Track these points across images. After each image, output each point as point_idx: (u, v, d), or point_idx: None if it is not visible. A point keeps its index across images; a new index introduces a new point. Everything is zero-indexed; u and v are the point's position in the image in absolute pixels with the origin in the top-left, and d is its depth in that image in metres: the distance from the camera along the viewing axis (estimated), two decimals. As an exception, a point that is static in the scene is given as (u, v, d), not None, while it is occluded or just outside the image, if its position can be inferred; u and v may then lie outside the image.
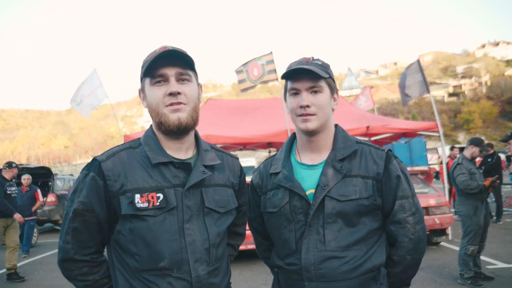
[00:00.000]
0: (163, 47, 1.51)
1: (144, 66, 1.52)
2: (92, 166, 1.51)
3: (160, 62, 1.47)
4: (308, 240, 1.57)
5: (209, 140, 8.24)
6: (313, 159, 1.68)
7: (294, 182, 1.62)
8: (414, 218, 1.62)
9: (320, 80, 1.60)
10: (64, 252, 1.49)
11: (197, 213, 1.51)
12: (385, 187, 1.61)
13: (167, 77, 1.49)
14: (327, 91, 1.63)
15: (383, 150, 1.68)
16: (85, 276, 1.51)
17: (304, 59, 1.66)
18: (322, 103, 1.61)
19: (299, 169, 1.67)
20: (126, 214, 1.45)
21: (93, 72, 9.17)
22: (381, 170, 1.61)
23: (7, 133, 79.68)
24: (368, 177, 1.60)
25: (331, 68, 1.69)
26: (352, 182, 1.58)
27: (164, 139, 1.55)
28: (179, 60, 1.50)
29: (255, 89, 10.14)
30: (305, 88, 1.60)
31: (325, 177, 1.59)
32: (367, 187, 1.58)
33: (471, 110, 56.08)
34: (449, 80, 78.56)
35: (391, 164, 1.63)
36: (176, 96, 1.48)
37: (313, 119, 1.60)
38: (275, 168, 1.71)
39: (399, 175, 1.62)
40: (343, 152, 1.63)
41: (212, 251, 1.52)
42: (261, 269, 6.84)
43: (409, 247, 1.61)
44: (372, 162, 1.63)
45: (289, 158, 1.72)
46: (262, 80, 9.06)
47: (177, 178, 1.50)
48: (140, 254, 1.45)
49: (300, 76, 1.61)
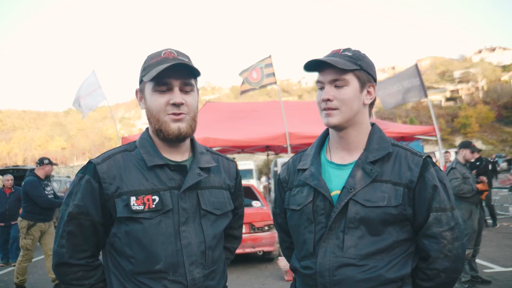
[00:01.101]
0: (168, 52, 1.51)
1: (147, 69, 1.50)
2: (87, 169, 1.51)
3: (166, 70, 1.46)
4: (327, 244, 1.48)
5: (207, 143, 8.25)
6: (343, 158, 1.58)
7: (319, 181, 1.53)
8: (452, 233, 1.46)
9: (345, 73, 1.49)
10: (59, 256, 1.48)
11: (193, 216, 1.50)
12: (418, 197, 1.47)
13: (171, 86, 1.48)
14: (355, 84, 1.52)
15: (421, 156, 1.52)
16: (80, 280, 1.49)
17: (334, 50, 1.57)
18: (346, 97, 1.50)
19: (328, 168, 1.58)
20: (122, 217, 1.44)
21: (91, 73, 9.14)
22: (415, 178, 1.47)
23: (3, 134, 79.34)
24: (400, 184, 1.47)
25: (367, 59, 1.57)
26: (381, 188, 1.46)
27: (160, 142, 1.55)
28: (185, 70, 1.50)
29: (254, 92, 10.14)
30: (328, 81, 1.52)
31: (353, 179, 1.49)
32: (397, 195, 1.46)
33: (468, 115, 56.33)
34: (447, 85, 78.91)
35: (428, 172, 1.49)
36: (179, 107, 1.48)
37: (335, 114, 1.51)
38: (303, 164, 1.63)
39: (436, 185, 1.47)
40: (376, 154, 1.51)
41: (208, 254, 1.51)
42: (258, 273, 6.83)
43: (445, 265, 1.46)
44: (406, 168, 1.49)
45: (319, 155, 1.63)
46: (261, 84, 9.07)
47: (173, 181, 1.50)
48: (135, 257, 1.44)
49: (324, 68, 1.52)
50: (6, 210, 8.56)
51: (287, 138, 8.00)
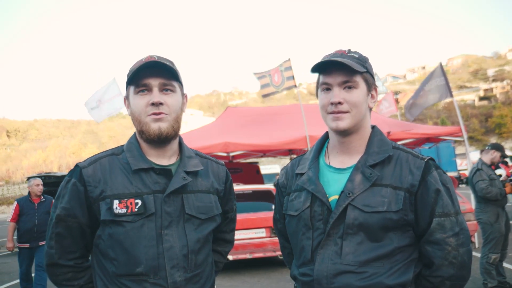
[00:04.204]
0: (149, 56, 1.53)
1: (129, 74, 1.54)
2: (74, 172, 1.55)
3: (144, 71, 1.50)
4: (325, 250, 1.43)
5: (227, 148, 8.28)
6: (342, 162, 1.52)
7: (317, 186, 1.48)
8: (457, 239, 1.40)
9: (355, 75, 1.44)
10: (49, 256, 1.53)
11: (177, 219, 1.52)
12: (420, 202, 1.41)
13: (150, 87, 1.51)
14: (363, 87, 1.47)
15: (423, 158, 1.47)
16: (69, 281, 1.54)
17: (339, 51, 1.50)
18: (357, 100, 1.45)
19: (326, 172, 1.53)
20: (105, 220, 1.48)
21: (112, 80, 9.40)
22: (417, 182, 1.42)
23: (39, 142, 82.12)
24: (400, 188, 1.41)
25: (369, 62, 1.53)
26: (381, 192, 1.41)
27: (147, 146, 1.57)
28: (164, 70, 1.52)
29: (281, 95, 10.18)
30: (338, 83, 1.45)
31: (352, 184, 1.43)
32: (397, 200, 1.40)
33: (503, 114, 54.48)
34: (480, 84, 76.66)
35: (430, 176, 1.43)
36: (158, 107, 1.50)
37: (346, 117, 1.45)
38: (302, 169, 1.58)
39: (439, 189, 1.41)
40: (376, 158, 1.46)
41: (191, 258, 1.52)
42: (279, 277, 6.80)
43: (450, 272, 1.41)
44: (408, 172, 1.43)
45: (318, 159, 1.58)
46: (283, 88, 9.11)
47: (158, 184, 1.51)
48: (117, 259, 1.47)
49: (332, 69, 1.45)
50: (34, 226, 6.15)
51: (307, 142, 7.96)
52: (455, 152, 23.92)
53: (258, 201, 7.68)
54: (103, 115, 9.53)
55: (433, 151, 20.41)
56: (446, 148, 21.28)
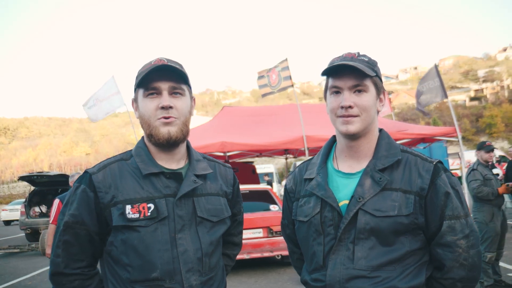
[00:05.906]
0: (159, 59, 1.53)
1: (138, 77, 1.53)
2: (83, 178, 1.53)
3: (154, 75, 1.49)
4: (336, 255, 1.43)
5: (224, 148, 8.26)
6: (351, 166, 1.52)
7: (326, 191, 1.48)
8: (467, 241, 1.41)
9: (366, 79, 1.45)
10: (54, 266, 1.50)
11: (189, 223, 1.51)
12: (430, 205, 1.42)
13: (160, 90, 1.50)
14: (373, 90, 1.48)
15: (431, 161, 1.47)
16: None
17: (349, 54, 1.50)
18: (367, 104, 1.45)
19: (335, 177, 1.53)
20: (118, 225, 1.46)
21: (110, 79, 9.31)
22: (426, 185, 1.42)
23: (30, 140, 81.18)
24: (410, 192, 1.42)
25: (378, 66, 1.53)
26: (391, 197, 1.41)
27: (155, 150, 1.56)
28: (173, 74, 1.52)
29: (275, 95, 10.18)
30: (348, 87, 1.45)
31: (362, 188, 1.43)
32: (408, 203, 1.41)
33: (493, 114, 54.94)
34: (470, 84, 77.31)
35: (439, 179, 1.43)
36: (168, 110, 1.49)
37: (356, 121, 1.45)
38: (310, 174, 1.58)
39: (449, 192, 1.42)
40: (385, 162, 1.46)
41: (205, 261, 1.51)
42: (277, 277, 6.81)
43: (461, 274, 1.42)
44: (417, 175, 1.44)
45: (326, 164, 1.58)
46: (280, 88, 9.12)
47: (169, 188, 1.51)
48: (132, 265, 1.45)
49: (342, 73, 1.45)
50: None
51: (304, 141, 7.98)
52: (447, 151, 24.07)
53: (255, 201, 7.68)
54: (100, 114, 9.43)
55: (426, 151, 20.54)
56: (438, 148, 21.34)
